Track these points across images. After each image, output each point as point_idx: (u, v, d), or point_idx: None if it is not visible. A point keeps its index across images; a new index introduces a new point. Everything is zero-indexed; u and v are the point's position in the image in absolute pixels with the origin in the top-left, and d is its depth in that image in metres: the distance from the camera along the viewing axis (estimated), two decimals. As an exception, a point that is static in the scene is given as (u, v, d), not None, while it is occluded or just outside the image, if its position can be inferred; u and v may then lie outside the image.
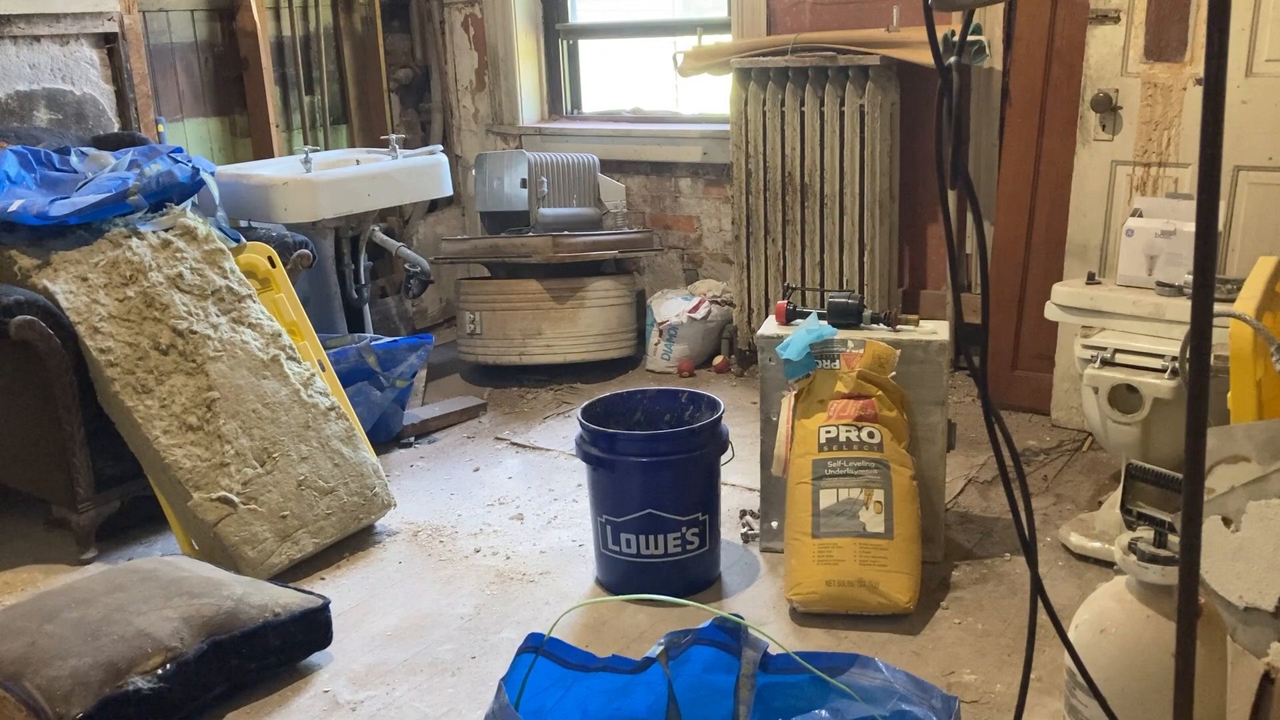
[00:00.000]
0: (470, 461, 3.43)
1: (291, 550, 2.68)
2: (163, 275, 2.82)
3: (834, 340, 2.55)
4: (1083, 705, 1.73)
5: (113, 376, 2.66)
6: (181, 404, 2.69)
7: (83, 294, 2.71)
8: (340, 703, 2.22)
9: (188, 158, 3.11)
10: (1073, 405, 3.34)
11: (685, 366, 4.12)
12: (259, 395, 2.79)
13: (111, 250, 2.80)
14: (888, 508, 2.41)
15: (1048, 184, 3.45)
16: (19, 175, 2.91)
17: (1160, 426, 2.49)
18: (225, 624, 2.19)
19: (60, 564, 2.81)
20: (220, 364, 2.77)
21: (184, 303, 2.80)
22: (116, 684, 2.01)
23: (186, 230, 2.94)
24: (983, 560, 2.65)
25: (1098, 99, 3.20)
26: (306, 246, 3.34)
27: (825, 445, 2.48)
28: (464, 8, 4.81)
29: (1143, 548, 1.70)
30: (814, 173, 3.78)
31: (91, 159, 3.10)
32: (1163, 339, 2.56)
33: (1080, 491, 3.00)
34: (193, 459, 2.64)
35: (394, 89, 4.74)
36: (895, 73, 3.67)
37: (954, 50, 1.36)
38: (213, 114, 4.06)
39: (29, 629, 2.10)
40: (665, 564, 2.52)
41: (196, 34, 3.97)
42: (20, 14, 3.27)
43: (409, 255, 4.09)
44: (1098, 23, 3.21)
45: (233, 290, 2.92)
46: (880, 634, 2.35)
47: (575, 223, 4.32)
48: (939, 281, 3.94)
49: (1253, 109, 2.96)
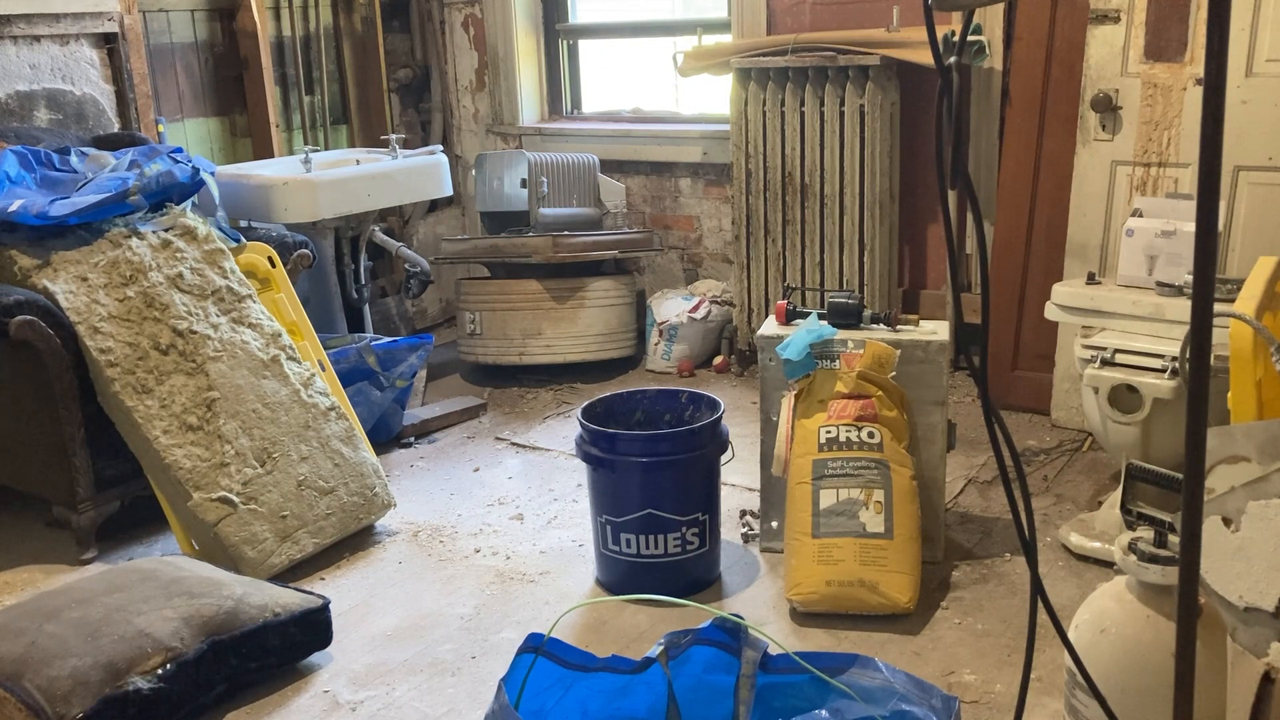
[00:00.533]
0: (470, 461, 3.43)
1: (292, 550, 2.68)
2: (163, 275, 2.82)
3: (834, 340, 2.55)
4: (1083, 705, 1.73)
5: (113, 376, 2.65)
6: (181, 404, 2.69)
7: (83, 294, 2.71)
8: (340, 703, 2.22)
9: (188, 158, 3.11)
10: (1073, 405, 3.34)
11: (685, 366, 4.12)
12: (259, 395, 2.79)
13: (112, 250, 2.80)
14: (888, 508, 2.41)
15: (1048, 184, 3.45)
16: (19, 175, 2.91)
17: (1160, 426, 2.49)
18: (225, 624, 2.19)
19: (60, 564, 2.81)
20: (220, 364, 2.77)
21: (184, 303, 2.80)
22: (116, 684, 2.01)
23: (186, 230, 2.94)
24: (983, 560, 2.65)
25: (1098, 99, 3.20)
26: (306, 246, 3.34)
27: (825, 445, 2.48)
28: (464, 8, 4.81)
29: (1143, 548, 1.70)
30: (814, 173, 3.78)
31: (92, 159, 3.10)
32: (1163, 339, 2.56)
33: (1080, 491, 3.00)
34: (193, 459, 2.64)
35: (394, 89, 4.74)
36: (895, 73, 3.67)
37: (954, 50, 1.35)
38: (213, 114, 4.06)
39: (29, 629, 2.10)
40: (665, 564, 2.52)
41: (196, 34, 3.97)
42: (20, 14, 3.27)
43: (409, 255, 4.09)
44: (1098, 23, 3.21)
45: (233, 290, 2.92)
46: (880, 634, 2.35)
47: (575, 223, 4.32)
48: (939, 281, 3.94)
49: (1253, 109, 2.96)
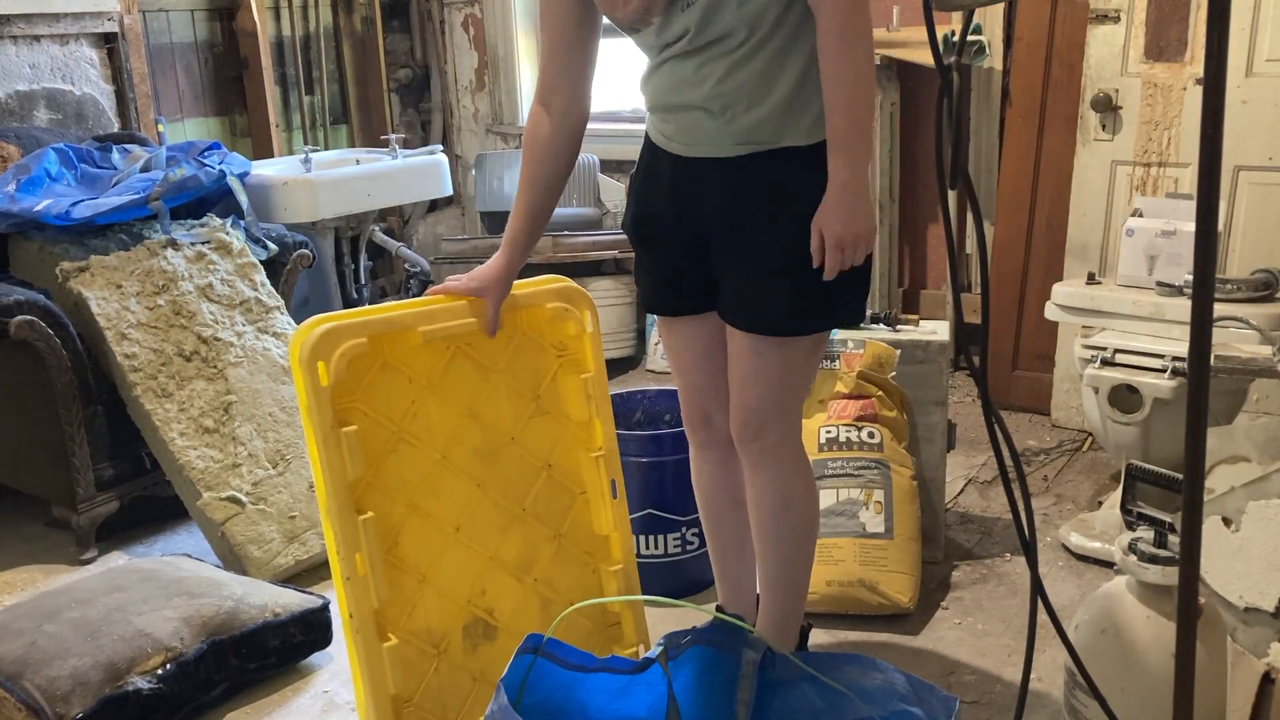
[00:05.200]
0: (470, 461, 3.43)
1: (299, 551, 2.68)
2: (193, 285, 2.89)
3: (834, 340, 2.55)
4: (1083, 705, 1.73)
5: (135, 381, 2.71)
6: (200, 407, 2.74)
7: (114, 300, 2.77)
8: (340, 703, 2.22)
9: (221, 157, 3.15)
10: (1073, 405, 3.34)
11: (685, 366, 4.11)
12: (276, 399, 2.83)
13: (149, 259, 2.87)
14: (888, 508, 2.41)
15: (1048, 184, 3.45)
16: (59, 173, 3.01)
17: (1160, 426, 2.49)
18: (225, 624, 2.19)
19: (60, 564, 2.81)
20: (240, 369, 2.83)
21: (211, 311, 2.87)
22: (116, 684, 2.01)
23: (221, 244, 3.01)
24: (983, 560, 2.65)
25: (1098, 99, 3.20)
26: (306, 246, 3.34)
27: (825, 445, 2.48)
28: (464, 8, 4.81)
29: (1143, 548, 1.70)
30: (814, 173, 3.77)
31: (132, 157, 3.15)
32: (1163, 339, 2.56)
33: (1080, 491, 3.00)
34: (206, 460, 2.67)
35: (394, 89, 4.74)
36: (895, 73, 3.67)
37: (954, 50, 1.36)
38: (213, 114, 4.06)
39: (29, 629, 2.10)
40: (665, 564, 2.52)
41: (196, 34, 3.97)
42: (20, 14, 3.27)
43: (409, 255, 4.09)
44: (1098, 23, 3.21)
45: (261, 302, 2.99)
46: (880, 634, 2.35)
47: (575, 223, 4.32)
48: (939, 281, 3.94)
49: (1253, 109, 2.96)
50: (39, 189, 2.91)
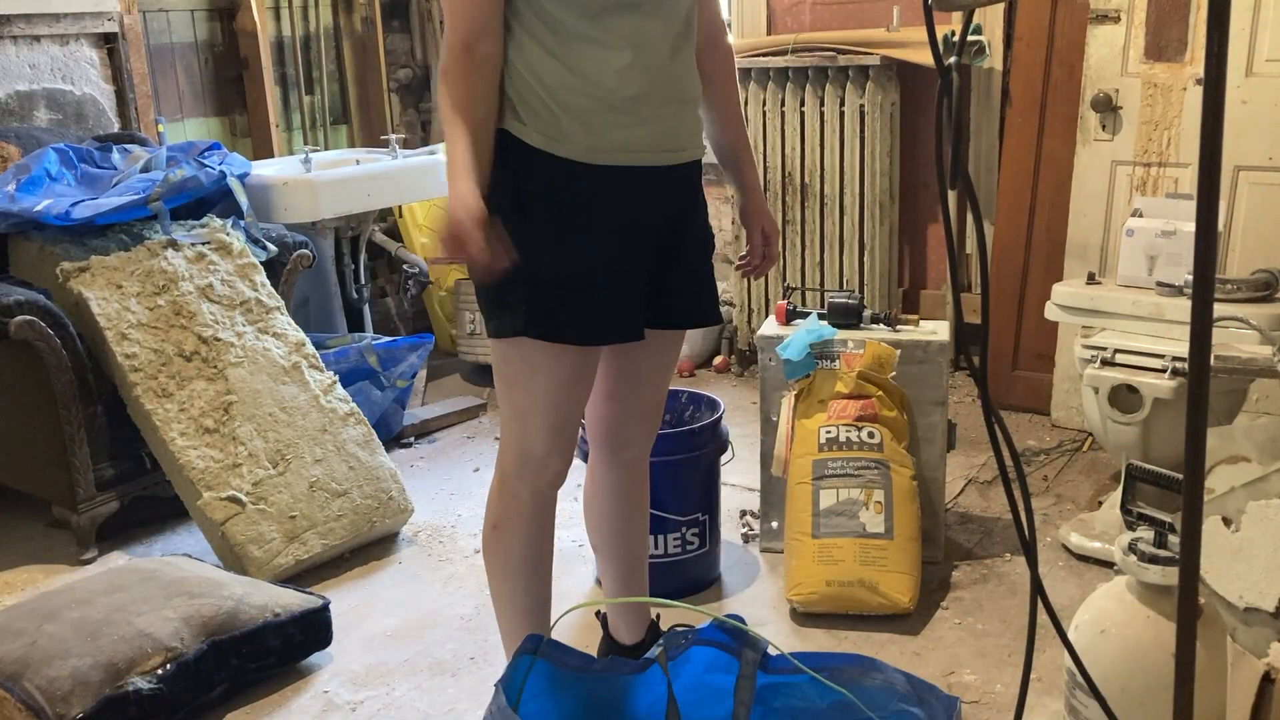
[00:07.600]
0: (470, 461, 3.43)
1: (299, 551, 2.67)
2: (194, 285, 2.89)
3: (834, 340, 2.55)
4: (1083, 705, 1.73)
5: (135, 381, 2.71)
6: (200, 407, 2.74)
7: (114, 300, 2.78)
8: (340, 703, 2.22)
9: (221, 157, 3.16)
10: (1073, 405, 3.34)
11: (685, 366, 4.12)
12: (277, 399, 2.83)
13: (149, 259, 2.87)
14: (888, 508, 2.41)
15: (1048, 184, 3.45)
16: (59, 173, 3.02)
17: (1160, 426, 2.49)
18: (225, 624, 2.19)
19: (60, 564, 2.81)
20: (241, 369, 2.83)
21: (211, 311, 2.88)
22: (116, 684, 2.01)
23: (221, 245, 3.01)
24: (983, 560, 2.65)
25: (1098, 99, 3.20)
26: (306, 247, 3.34)
27: (825, 445, 2.48)
28: (464, 8, 4.80)
29: (1143, 548, 1.70)
30: (814, 173, 3.78)
31: (132, 157, 3.16)
32: (1163, 339, 2.56)
33: (1080, 491, 3.00)
34: (206, 460, 2.67)
35: (394, 89, 4.74)
36: (895, 73, 3.67)
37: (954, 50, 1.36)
38: (213, 114, 4.05)
39: (29, 629, 2.10)
40: (665, 564, 2.52)
41: (196, 34, 3.97)
42: (20, 14, 3.27)
43: (407, 256, 4.09)
44: (1098, 23, 3.21)
45: (261, 302, 3.00)
46: (880, 634, 2.35)
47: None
48: (939, 281, 3.94)
49: (1253, 109, 2.96)
50: (39, 189, 2.92)
